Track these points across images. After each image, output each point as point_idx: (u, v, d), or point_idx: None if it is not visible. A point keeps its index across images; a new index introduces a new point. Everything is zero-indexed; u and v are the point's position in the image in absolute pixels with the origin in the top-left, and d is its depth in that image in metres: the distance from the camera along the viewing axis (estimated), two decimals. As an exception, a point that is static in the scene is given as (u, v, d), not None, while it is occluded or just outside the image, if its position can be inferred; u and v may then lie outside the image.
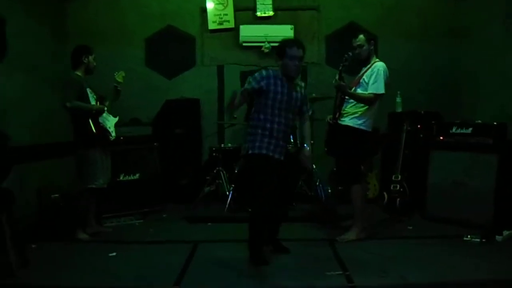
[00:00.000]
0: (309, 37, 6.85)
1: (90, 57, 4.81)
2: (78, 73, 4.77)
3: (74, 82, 4.68)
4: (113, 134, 4.89)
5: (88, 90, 4.75)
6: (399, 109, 6.16)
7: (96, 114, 4.73)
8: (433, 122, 5.51)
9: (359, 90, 4.56)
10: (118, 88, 4.92)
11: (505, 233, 4.46)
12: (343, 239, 4.50)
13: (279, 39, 6.48)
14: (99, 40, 6.46)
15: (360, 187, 4.64)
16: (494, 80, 5.76)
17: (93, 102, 4.75)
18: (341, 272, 3.66)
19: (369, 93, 4.47)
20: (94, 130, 4.67)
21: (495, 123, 4.95)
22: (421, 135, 5.73)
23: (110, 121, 4.89)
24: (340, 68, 4.60)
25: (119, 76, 4.98)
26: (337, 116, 4.65)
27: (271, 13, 6.72)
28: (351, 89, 4.57)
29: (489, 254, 4.07)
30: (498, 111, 5.48)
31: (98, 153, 4.75)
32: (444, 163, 5.19)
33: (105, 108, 4.83)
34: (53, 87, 6.14)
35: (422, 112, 5.92)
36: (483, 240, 4.37)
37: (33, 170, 5.27)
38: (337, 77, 4.57)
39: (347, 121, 4.57)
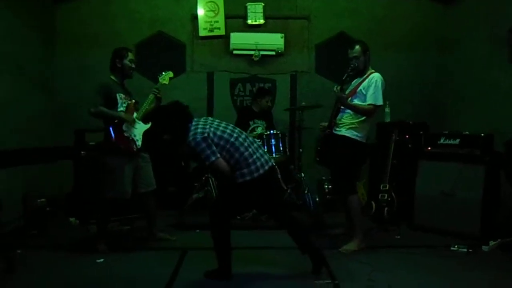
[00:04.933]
0: (299, 46, 6.91)
1: (125, 60, 4.58)
2: (113, 77, 4.59)
3: (102, 88, 4.46)
4: (138, 143, 4.57)
5: (119, 96, 4.51)
6: (388, 119, 6.20)
7: (119, 122, 4.46)
8: (421, 132, 5.55)
9: (355, 101, 4.54)
10: (158, 95, 4.69)
11: (491, 243, 4.51)
12: (346, 250, 4.44)
13: (269, 47, 6.67)
14: (89, 45, 6.47)
15: (357, 197, 4.65)
16: (479, 92, 5.84)
17: (121, 109, 4.52)
18: (329, 281, 3.66)
19: (368, 104, 4.47)
20: (113, 138, 4.42)
21: (482, 134, 5.00)
22: (409, 145, 5.76)
23: (138, 129, 4.58)
24: (344, 78, 4.59)
25: (165, 78, 4.82)
26: (332, 125, 4.66)
27: (262, 21, 6.74)
28: (347, 99, 4.54)
29: (475, 264, 4.11)
30: (483, 123, 5.55)
31: (121, 162, 4.45)
32: (432, 174, 5.22)
33: (132, 119, 4.52)
34: (42, 90, 6.11)
35: (411, 122, 5.96)
36: (470, 250, 4.41)
37: (19, 174, 5.21)
38: (338, 87, 4.58)
39: (343, 131, 4.55)
